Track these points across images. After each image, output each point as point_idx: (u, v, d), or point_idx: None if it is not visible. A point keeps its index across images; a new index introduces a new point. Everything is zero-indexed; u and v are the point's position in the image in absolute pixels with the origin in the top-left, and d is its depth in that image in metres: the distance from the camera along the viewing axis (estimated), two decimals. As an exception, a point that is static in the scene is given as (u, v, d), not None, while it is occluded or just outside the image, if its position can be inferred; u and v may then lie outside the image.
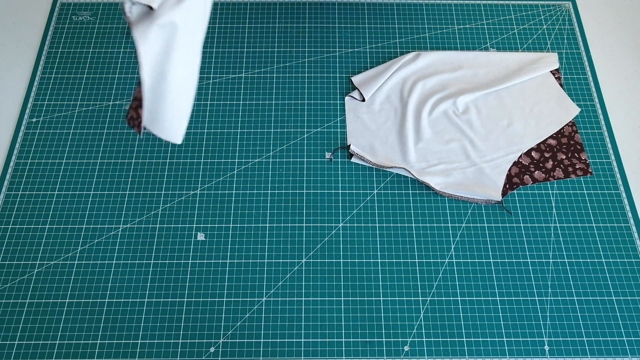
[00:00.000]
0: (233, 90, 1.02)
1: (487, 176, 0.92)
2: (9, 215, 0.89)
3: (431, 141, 0.96)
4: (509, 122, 0.98)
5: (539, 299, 0.83)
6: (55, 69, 1.04)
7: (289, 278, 0.84)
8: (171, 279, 0.84)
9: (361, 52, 1.07)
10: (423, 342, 0.80)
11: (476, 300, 0.83)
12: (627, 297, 0.83)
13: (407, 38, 1.09)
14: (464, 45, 1.08)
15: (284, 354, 0.79)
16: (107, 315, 0.81)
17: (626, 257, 0.87)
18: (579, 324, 0.81)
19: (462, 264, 0.86)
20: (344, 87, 1.03)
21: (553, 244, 0.88)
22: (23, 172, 0.93)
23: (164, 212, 0.90)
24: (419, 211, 0.90)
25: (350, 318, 0.81)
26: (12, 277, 0.84)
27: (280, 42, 1.08)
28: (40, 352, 0.78)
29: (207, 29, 1.10)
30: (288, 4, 1.13)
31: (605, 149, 0.97)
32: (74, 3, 1.13)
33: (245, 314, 0.82)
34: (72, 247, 0.86)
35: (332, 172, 0.94)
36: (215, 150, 0.96)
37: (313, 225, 0.89)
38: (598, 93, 1.03)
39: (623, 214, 0.90)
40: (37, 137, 0.97)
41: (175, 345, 0.79)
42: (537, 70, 1.04)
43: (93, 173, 0.93)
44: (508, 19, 1.12)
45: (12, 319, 0.81)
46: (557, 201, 0.91)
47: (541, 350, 0.79)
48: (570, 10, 1.14)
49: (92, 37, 1.08)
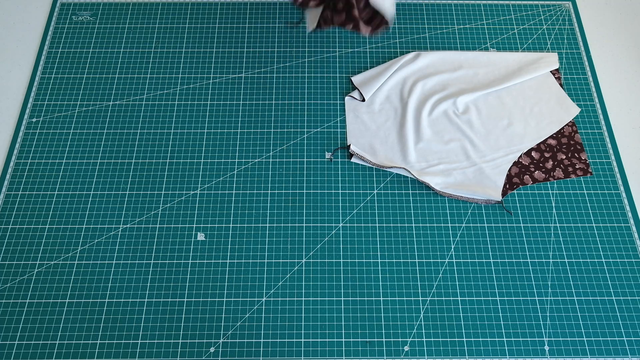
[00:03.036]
0: (233, 90, 1.02)
1: (487, 176, 0.92)
2: (9, 215, 0.89)
3: (431, 141, 0.96)
4: (509, 122, 0.98)
5: (539, 299, 0.83)
6: (55, 69, 1.04)
7: (289, 278, 0.84)
8: (171, 279, 0.84)
9: (361, 52, 1.07)
10: (423, 342, 0.80)
11: (476, 300, 0.83)
12: (627, 297, 0.83)
13: (407, 38, 1.09)
14: (464, 45, 1.08)
15: (284, 354, 0.79)
16: (107, 315, 0.81)
17: (626, 257, 0.87)
18: (579, 324, 0.81)
19: (462, 264, 0.86)
20: (344, 87, 1.03)
21: (553, 244, 0.88)
22: (23, 172, 0.93)
23: (164, 212, 0.90)
24: (419, 211, 0.90)
25: (350, 318, 0.81)
26: (12, 277, 0.84)
27: (280, 42, 1.08)
28: (40, 352, 0.78)
29: (207, 29, 1.10)
30: (288, 4, 1.13)
31: (605, 149, 0.97)
32: (74, 3, 1.13)
33: (245, 314, 0.82)
34: (72, 247, 0.86)
35: (332, 172, 0.94)
36: (215, 150, 0.96)
37: (313, 225, 0.89)
38: (598, 93, 1.03)
39: (623, 214, 0.90)
40: (37, 137, 0.97)
41: (175, 345, 0.79)
42: (537, 70, 1.04)
43: (93, 173, 0.93)
44: (508, 19, 1.12)
45: (12, 319, 0.81)
46: (557, 201, 0.91)
47: (541, 350, 0.79)
48: (570, 10, 1.14)
49: (92, 37, 1.08)
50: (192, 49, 1.07)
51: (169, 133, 0.97)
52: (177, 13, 1.12)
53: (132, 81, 1.03)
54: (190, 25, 1.10)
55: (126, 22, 1.09)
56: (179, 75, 1.04)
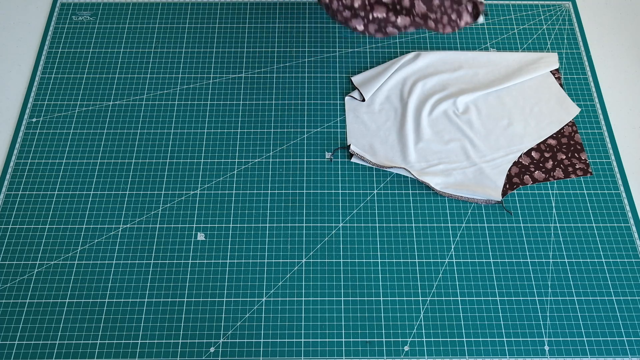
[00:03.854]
0: (233, 90, 1.02)
1: (487, 176, 0.92)
2: (9, 215, 0.89)
3: (431, 141, 0.96)
4: (509, 122, 0.98)
5: (539, 299, 0.83)
6: (55, 69, 1.04)
7: (289, 278, 0.84)
8: (171, 279, 0.84)
9: (361, 52, 1.07)
10: (423, 342, 0.80)
11: (476, 300, 0.83)
12: (627, 297, 0.83)
13: (407, 38, 1.09)
14: (464, 45, 1.08)
15: (284, 354, 0.79)
16: (107, 315, 0.81)
17: (626, 257, 0.87)
18: (579, 324, 0.81)
19: (462, 264, 0.86)
20: (344, 87, 1.03)
21: (553, 244, 0.88)
22: (23, 172, 0.93)
23: (164, 212, 0.90)
24: (419, 211, 0.90)
25: (350, 318, 0.81)
26: (12, 277, 0.84)
27: (280, 42, 1.08)
28: (40, 352, 0.78)
29: (207, 29, 1.10)
30: (288, 4, 1.13)
31: (605, 149, 0.97)
32: (74, 3, 1.13)
33: (245, 314, 0.82)
34: (72, 247, 0.86)
35: (332, 172, 0.94)
36: (215, 150, 0.96)
37: (313, 225, 0.89)
38: (598, 93, 1.03)
39: (623, 214, 0.90)
40: (37, 137, 0.97)
41: (175, 345, 0.79)
42: (537, 70, 1.04)
43: (93, 173, 0.93)
44: (508, 19, 1.12)
45: (12, 319, 0.81)
46: (557, 201, 0.91)
47: (541, 350, 0.79)
48: (570, 10, 1.14)
49: (92, 37, 1.08)
50: (192, 49, 1.07)
51: (169, 133, 0.97)
52: (177, 13, 1.12)
53: (132, 81, 1.03)
54: (190, 25, 1.10)
55: (126, 22, 1.09)
56: (179, 75, 1.04)
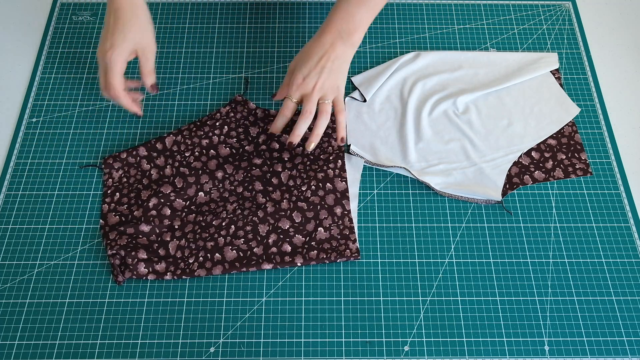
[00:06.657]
0: (233, 90, 1.02)
1: (487, 176, 0.92)
2: (9, 215, 0.89)
3: (431, 141, 0.96)
4: (509, 122, 0.98)
5: (539, 299, 0.83)
6: (55, 69, 1.04)
7: (289, 278, 0.84)
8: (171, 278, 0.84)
9: (361, 52, 1.07)
10: (423, 342, 0.80)
11: (476, 300, 0.83)
12: (627, 297, 0.83)
13: (407, 38, 1.09)
14: (464, 45, 1.08)
15: (284, 354, 0.79)
16: (107, 315, 0.81)
17: (626, 257, 0.87)
18: (579, 324, 0.81)
19: (462, 264, 0.86)
20: (344, 87, 1.03)
21: (553, 244, 0.88)
22: (23, 172, 0.93)
23: (164, 212, 0.90)
24: (419, 211, 0.90)
25: (350, 318, 0.81)
26: (12, 277, 0.84)
27: (280, 42, 1.08)
28: (40, 352, 0.78)
29: (207, 29, 1.10)
30: (288, 4, 1.13)
31: (605, 149, 0.97)
32: (74, 3, 1.13)
33: (245, 314, 0.82)
34: (72, 247, 0.86)
35: (332, 172, 0.94)
36: (215, 150, 0.96)
37: (313, 225, 0.89)
38: (598, 93, 1.03)
39: (623, 214, 0.90)
40: (37, 137, 0.97)
41: (175, 345, 0.79)
42: (537, 70, 1.04)
43: (93, 173, 0.93)
44: (508, 19, 1.12)
45: (12, 319, 0.81)
46: (557, 201, 0.91)
47: (541, 350, 0.79)
48: (570, 10, 1.14)
49: (92, 37, 1.08)
50: (192, 49, 1.07)
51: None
52: (177, 13, 1.12)
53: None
54: (190, 25, 1.10)
55: (126, 22, 1.09)
56: (179, 75, 1.04)
